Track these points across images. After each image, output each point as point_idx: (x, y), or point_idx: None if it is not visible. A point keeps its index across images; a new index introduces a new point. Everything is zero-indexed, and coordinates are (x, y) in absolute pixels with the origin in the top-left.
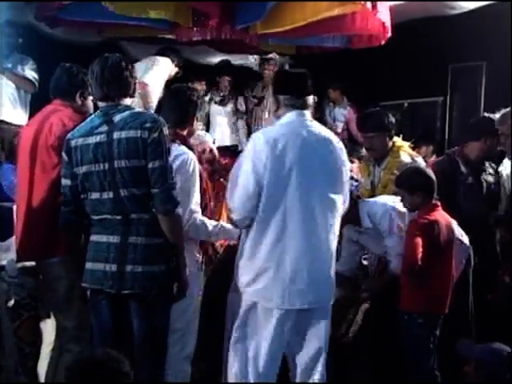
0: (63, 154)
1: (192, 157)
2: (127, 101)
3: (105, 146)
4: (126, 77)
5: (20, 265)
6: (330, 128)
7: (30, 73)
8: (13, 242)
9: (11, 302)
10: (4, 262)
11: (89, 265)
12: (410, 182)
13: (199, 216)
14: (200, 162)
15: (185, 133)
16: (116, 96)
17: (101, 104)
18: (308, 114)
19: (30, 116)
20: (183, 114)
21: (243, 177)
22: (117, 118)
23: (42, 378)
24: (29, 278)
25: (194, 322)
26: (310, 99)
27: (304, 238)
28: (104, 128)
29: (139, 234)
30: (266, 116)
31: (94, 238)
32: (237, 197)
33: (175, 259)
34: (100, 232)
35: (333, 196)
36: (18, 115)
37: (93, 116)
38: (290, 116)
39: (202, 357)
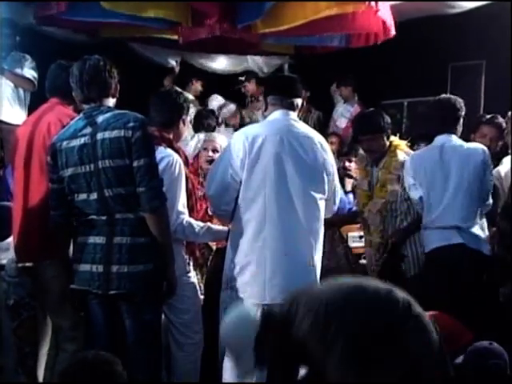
0: (48, 158)
1: (177, 159)
2: (109, 101)
3: (89, 147)
4: (105, 78)
5: (20, 264)
6: (334, 124)
7: (29, 72)
8: (12, 241)
9: (11, 302)
10: (4, 262)
11: (76, 266)
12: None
13: (186, 217)
14: (186, 163)
15: (171, 136)
16: (97, 97)
17: (83, 106)
18: (294, 114)
19: (29, 115)
20: (169, 117)
21: (221, 171)
22: (100, 119)
23: (41, 377)
24: (28, 278)
25: (199, 323)
26: (298, 101)
27: (283, 233)
28: (88, 130)
29: (124, 234)
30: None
31: (80, 239)
32: (214, 190)
33: (162, 257)
34: (86, 233)
35: (313, 193)
36: (16, 115)
37: (76, 119)
38: (275, 114)
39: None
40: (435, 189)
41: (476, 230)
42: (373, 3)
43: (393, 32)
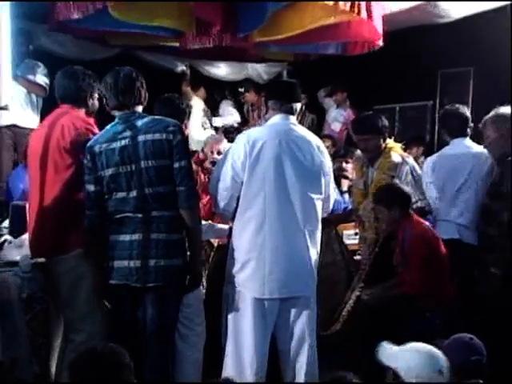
0: (86, 161)
1: None
2: (139, 108)
3: (130, 148)
4: (138, 86)
5: (33, 260)
6: (328, 127)
7: (42, 78)
8: (25, 238)
9: (24, 296)
10: (18, 258)
11: (112, 263)
12: (387, 198)
13: None
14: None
15: None
16: (131, 104)
17: (116, 113)
18: (293, 118)
19: (41, 119)
20: None
21: (223, 172)
22: (139, 123)
23: (53, 367)
24: (40, 273)
25: (202, 316)
26: (297, 106)
27: (282, 231)
28: (127, 133)
29: (160, 230)
30: None
31: (114, 237)
32: (216, 190)
33: (190, 252)
34: (121, 231)
35: (310, 193)
36: (29, 119)
37: (113, 123)
38: (275, 118)
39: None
40: (449, 186)
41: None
42: (364, 13)
43: (381, 42)
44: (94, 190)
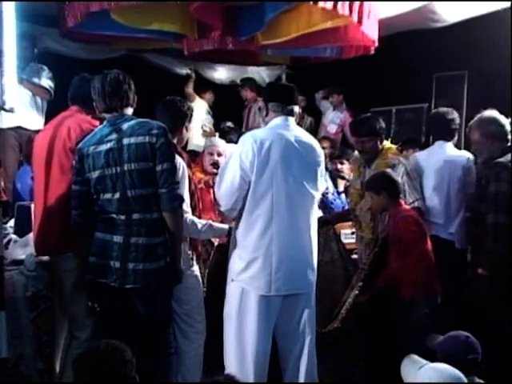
0: (74, 163)
1: (181, 161)
2: (129, 110)
3: (115, 151)
4: (125, 89)
5: (37, 259)
6: (324, 129)
7: (46, 81)
8: (30, 237)
9: (29, 294)
10: (23, 257)
11: (94, 259)
12: (375, 184)
13: (189, 216)
14: (189, 166)
15: (175, 140)
16: (119, 107)
17: (105, 115)
18: (292, 120)
19: (46, 121)
20: (173, 123)
21: (230, 172)
22: (124, 126)
23: (57, 364)
24: (45, 272)
25: (202, 313)
26: (296, 108)
27: (288, 229)
28: (113, 136)
29: (140, 234)
30: None
31: (99, 235)
32: (223, 190)
33: (172, 252)
34: (105, 230)
35: (312, 191)
36: (34, 121)
37: (101, 126)
38: (276, 121)
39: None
40: (424, 186)
41: (454, 224)
42: (356, 18)
43: (376, 44)
44: (80, 190)
